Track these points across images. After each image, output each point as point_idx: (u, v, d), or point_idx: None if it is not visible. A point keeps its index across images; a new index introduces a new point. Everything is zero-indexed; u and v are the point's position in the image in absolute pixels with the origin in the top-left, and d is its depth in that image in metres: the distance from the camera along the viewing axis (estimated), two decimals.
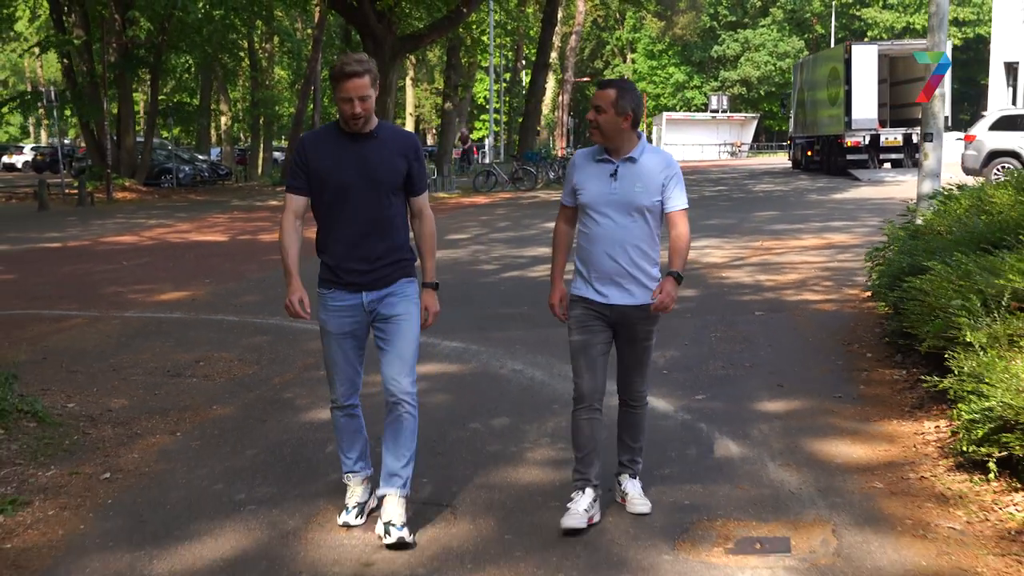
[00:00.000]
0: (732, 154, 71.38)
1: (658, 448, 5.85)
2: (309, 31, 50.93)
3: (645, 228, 4.74)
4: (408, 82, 60.55)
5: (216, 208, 28.60)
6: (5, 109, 41.71)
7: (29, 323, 10.04)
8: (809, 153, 39.99)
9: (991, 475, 5.03)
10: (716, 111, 73.76)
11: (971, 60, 71.46)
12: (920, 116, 34.67)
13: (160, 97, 40.55)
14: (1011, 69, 39.85)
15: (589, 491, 4.80)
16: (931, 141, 12.70)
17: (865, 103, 33.25)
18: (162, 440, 6.34)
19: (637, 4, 42.15)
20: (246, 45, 46.59)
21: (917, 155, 33.88)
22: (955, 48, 69.63)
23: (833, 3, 75.21)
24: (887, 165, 35.34)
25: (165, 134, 44.60)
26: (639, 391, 4.99)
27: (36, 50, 40.43)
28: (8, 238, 19.16)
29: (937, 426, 6.04)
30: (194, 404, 7.15)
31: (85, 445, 6.19)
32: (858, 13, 76.46)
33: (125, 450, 6.11)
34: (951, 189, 9.94)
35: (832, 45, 63.42)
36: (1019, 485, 4.90)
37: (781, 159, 58.00)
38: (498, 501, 5.13)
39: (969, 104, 73.13)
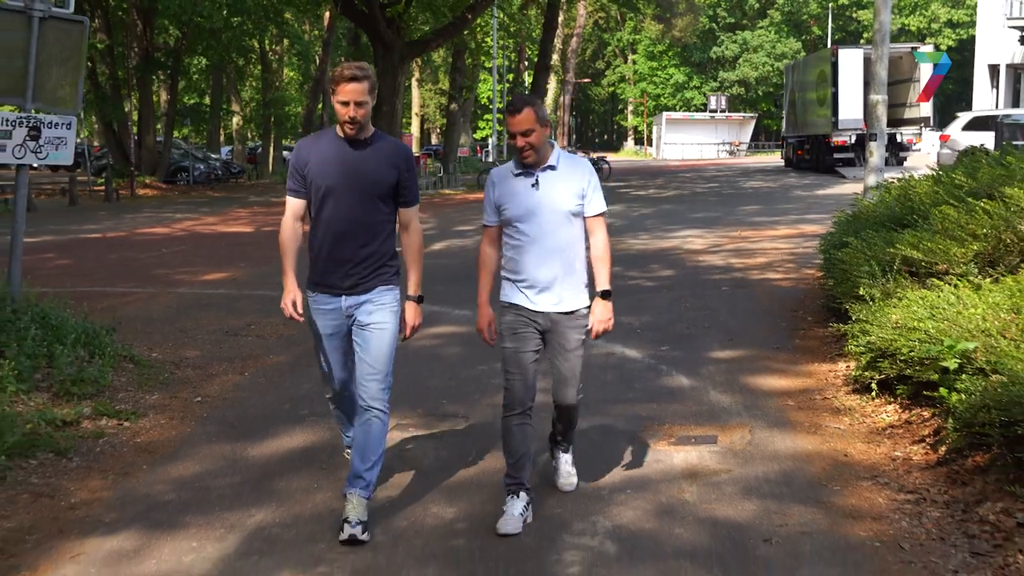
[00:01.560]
0: (731, 153, 72.91)
1: (625, 381, 7.52)
2: (316, 32, 52.56)
3: (571, 233, 4.87)
4: (414, 83, 62.16)
5: (236, 203, 30.24)
6: None
7: (100, 297, 11.64)
8: (800, 152, 41.59)
9: (872, 393, 6.66)
10: (715, 111, 75.32)
11: (965, 61, 72.75)
12: (906, 117, 36.21)
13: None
14: (995, 71, 41.40)
15: (523, 495, 4.91)
16: (875, 140, 14.25)
17: (851, 104, 34.82)
18: (234, 378, 7.98)
19: (635, 9, 43.66)
20: (257, 47, 48.13)
21: (901, 153, 35.54)
22: (949, 49, 71.18)
23: (830, 5, 76.71)
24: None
25: (176, 133, 46.17)
26: (572, 401, 5.06)
27: None
28: (51, 230, 20.77)
29: (848, 366, 7.64)
30: (254, 354, 8.80)
31: (175, 380, 7.84)
32: (854, 15, 77.94)
33: (207, 384, 7.76)
34: (892, 181, 11.55)
35: (828, 46, 64.97)
36: (891, 399, 6.53)
37: (777, 158, 59.56)
38: (498, 412, 6.76)
39: (967, 105, 74.49)
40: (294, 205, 4.96)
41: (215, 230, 21.38)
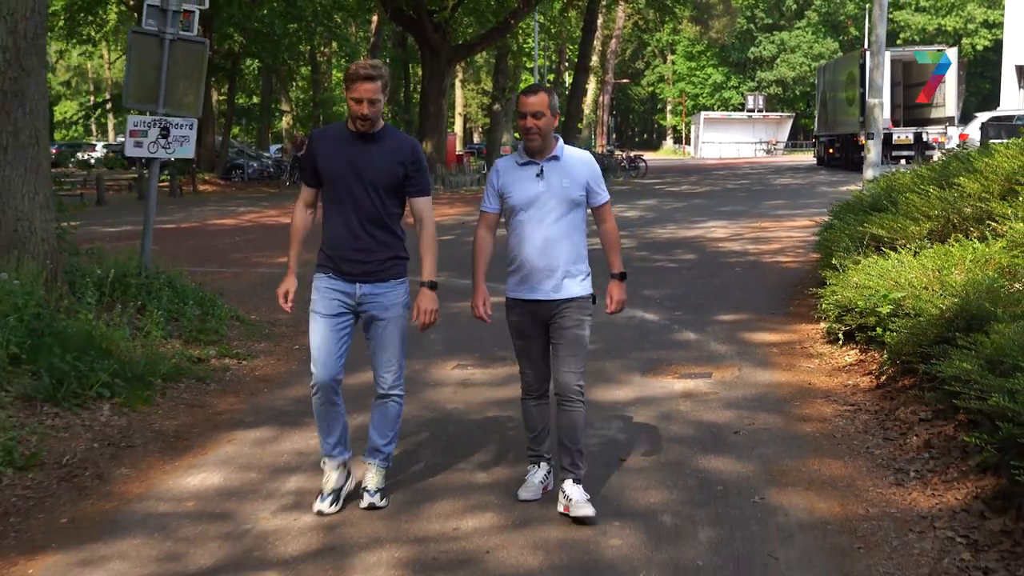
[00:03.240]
0: (767, 152, 74.12)
1: (642, 336, 9.18)
2: (362, 34, 54.49)
3: (573, 222, 5.03)
4: (457, 84, 63.93)
5: (291, 198, 31.79)
6: (98, 111, 45.46)
7: (191, 276, 13.47)
8: (830, 151, 42.96)
9: (840, 342, 8.28)
10: (752, 110, 76.49)
11: (1000, 61, 73.44)
12: (932, 116, 37.42)
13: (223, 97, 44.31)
14: (1022, 72, 42.48)
15: (543, 465, 5.31)
16: (872, 139, 15.76)
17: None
18: None
19: (671, 12, 45.15)
20: (307, 49, 50.09)
21: (927, 152, 36.84)
22: (984, 49, 71.90)
23: (867, 6, 77.59)
24: (902, 161, 38.21)
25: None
26: (574, 385, 5.04)
27: (106, 54, 44.08)
28: (129, 221, 22.62)
29: (830, 327, 9.26)
30: None
31: (274, 335, 9.60)
32: (891, 15, 78.69)
33: (300, 338, 9.44)
34: (888, 174, 13.09)
35: (866, 47, 66.05)
36: (853, 346, 8.13)
37: (812, 156, 60.79)
38: None
39: (997, 105, 75.17)
40: (306, 193, 5.19)
41: (278, 221, 23.17)
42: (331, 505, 5.05)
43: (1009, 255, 7.07)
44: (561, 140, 5.08)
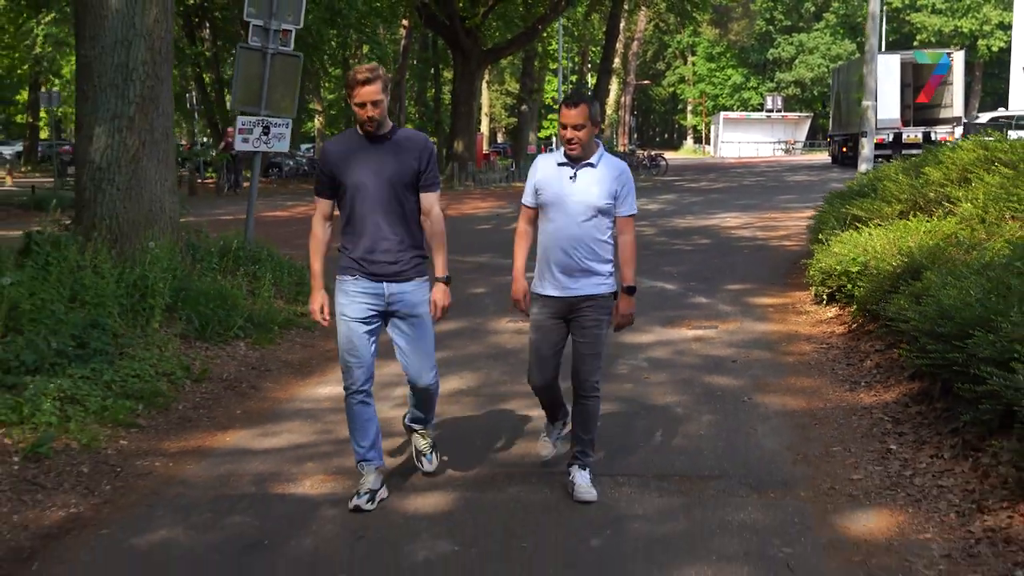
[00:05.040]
0: (786, 151, 75.62)
1: (663, 300, 11.05)
2: (389, 36, 56.45)
3: (599, 227, 5.16)
4: (483, 85, 65.80)
5: None
6: None
7: None
8: (844, 149, 44.52)
9: (823, 302, 10.11)
10: (771, 111, 77.91)
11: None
12: (941, 117, 39.00)
13: None
14: None
15: (558, 423, 5.75)
16: (866, 136, 17.53)
17: (889, 105, 37.76)
18: None
19: (690, 18, 46.96)
20: (341, 53, 52.07)
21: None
22: (1000, 51, 73.14)
23: (884, 8, 79.07)
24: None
25: None
26: (591, 381, 5.23)
27: None
28: (190, 212, 24.69)
29: (816, 290, 11.08)
30: None
31: None
32: (908, 18, 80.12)
33: None
34: (877, 167, 14.90)
35: (883, 49, 67.52)
36: (834, 305, 9.95)
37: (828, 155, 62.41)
38: None
39: (1005, 106, 76.43)
40: (322, 206, 5.21)
41: None
42: (368, 503, 5.14)
43: (956, 228, 8.89)
44: (602, 147, 5.29)
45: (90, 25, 9.76)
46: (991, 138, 10.99)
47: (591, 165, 5.16)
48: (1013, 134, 16.61)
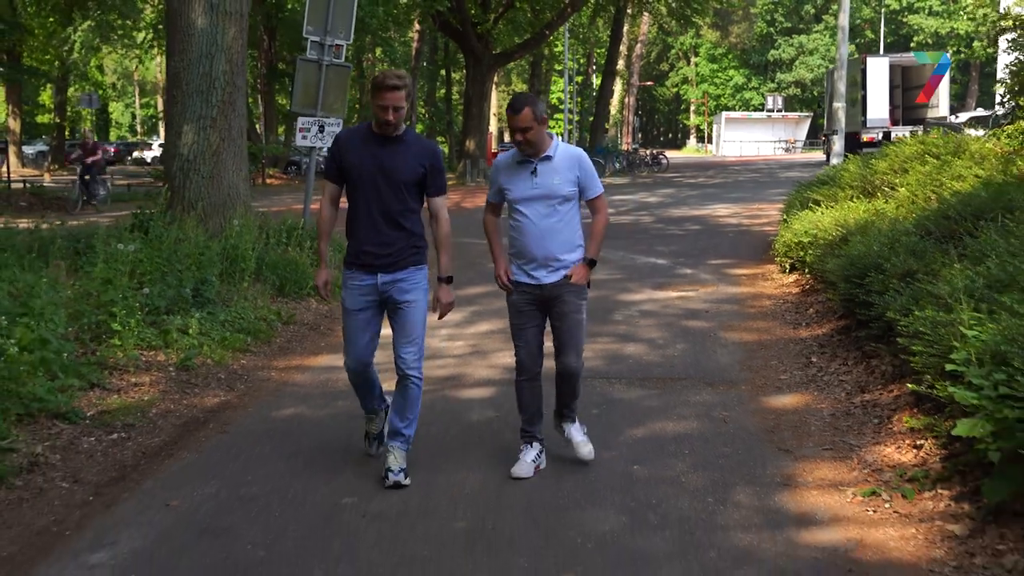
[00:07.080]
0: (786, 150, 77.53)
1: (653, 271, 13.17)
2: (401, 38, 58.58)
3: (567, 215, 5.37)
4: (492, 87, 67.87)
5: None
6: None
7: None
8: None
9: (787, 271, 12.21)
10: (772, 110, 79.82)
11: None
12: (926, 116, 40.91)
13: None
14: None
15: (536, 445, 5.60)
16: (837, 134, 19.61)
17: (878, 105, 39.85)
18: None
19: (691, 23, 49.05)
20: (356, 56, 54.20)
21: None
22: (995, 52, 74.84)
23: (883, 10, 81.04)
24: None
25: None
26: (573, 366, 5.45)
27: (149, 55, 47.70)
28: None
29: (780, 261, 13.17)
30: None
31: None
32: (904, 19, 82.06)
33: None
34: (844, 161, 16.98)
35: (882, 50, 69.51)
36: (795, 273, 12.03)
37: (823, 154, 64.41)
38: None
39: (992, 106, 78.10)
40: (331, 189, 5.44)
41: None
42: (377, 448, 5.84)
43: (888, 208, 11.00)
44: (556, 138, 5.45)
45: (180, 41, 11.89)
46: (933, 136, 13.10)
47: (548, 158, 5.35)
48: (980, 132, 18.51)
